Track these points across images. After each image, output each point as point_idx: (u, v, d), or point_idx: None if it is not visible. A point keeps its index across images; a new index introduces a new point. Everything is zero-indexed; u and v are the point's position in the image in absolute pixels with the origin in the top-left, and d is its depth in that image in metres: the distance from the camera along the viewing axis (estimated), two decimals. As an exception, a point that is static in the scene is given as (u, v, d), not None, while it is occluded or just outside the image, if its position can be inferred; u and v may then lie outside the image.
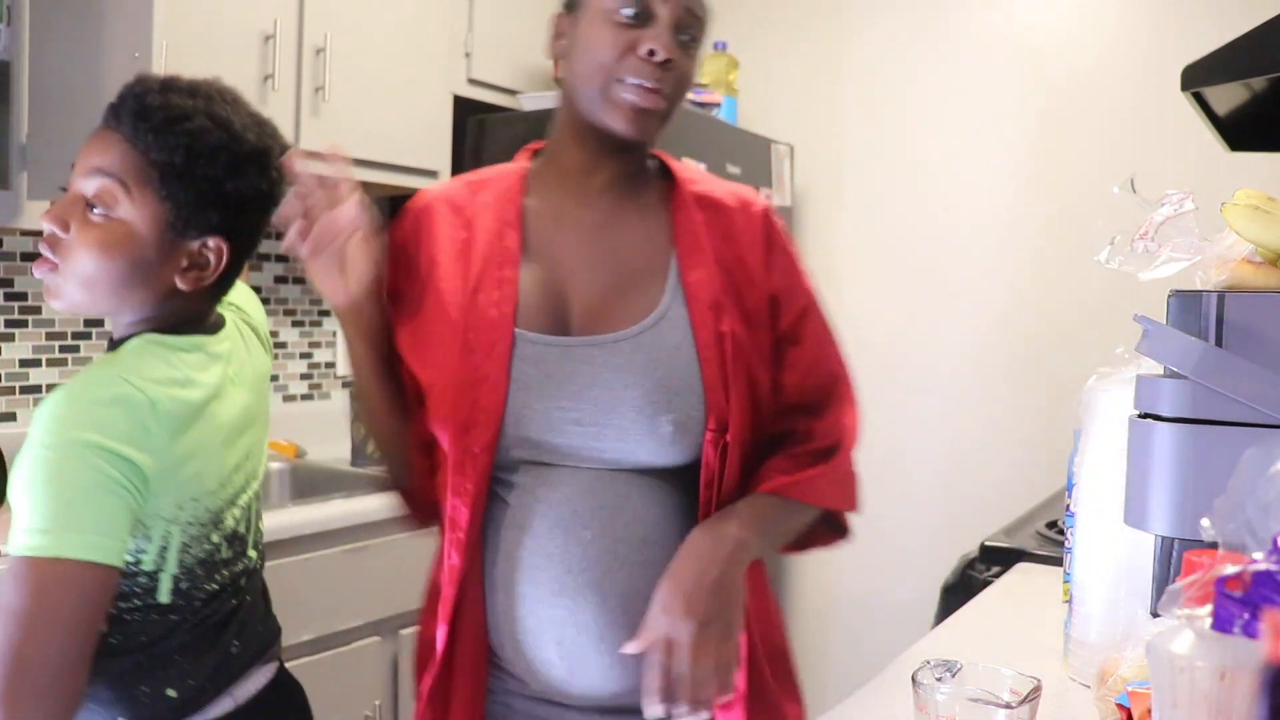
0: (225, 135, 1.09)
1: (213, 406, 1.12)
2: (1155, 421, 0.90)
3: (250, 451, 1.21)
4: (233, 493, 1.17)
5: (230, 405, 1.16)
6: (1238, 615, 0.63)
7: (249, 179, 1.11)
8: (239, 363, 1.21)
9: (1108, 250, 0.97)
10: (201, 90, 1.11)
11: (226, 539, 1.16)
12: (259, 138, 1.13)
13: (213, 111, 1.09)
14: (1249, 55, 1.05)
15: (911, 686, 0.85)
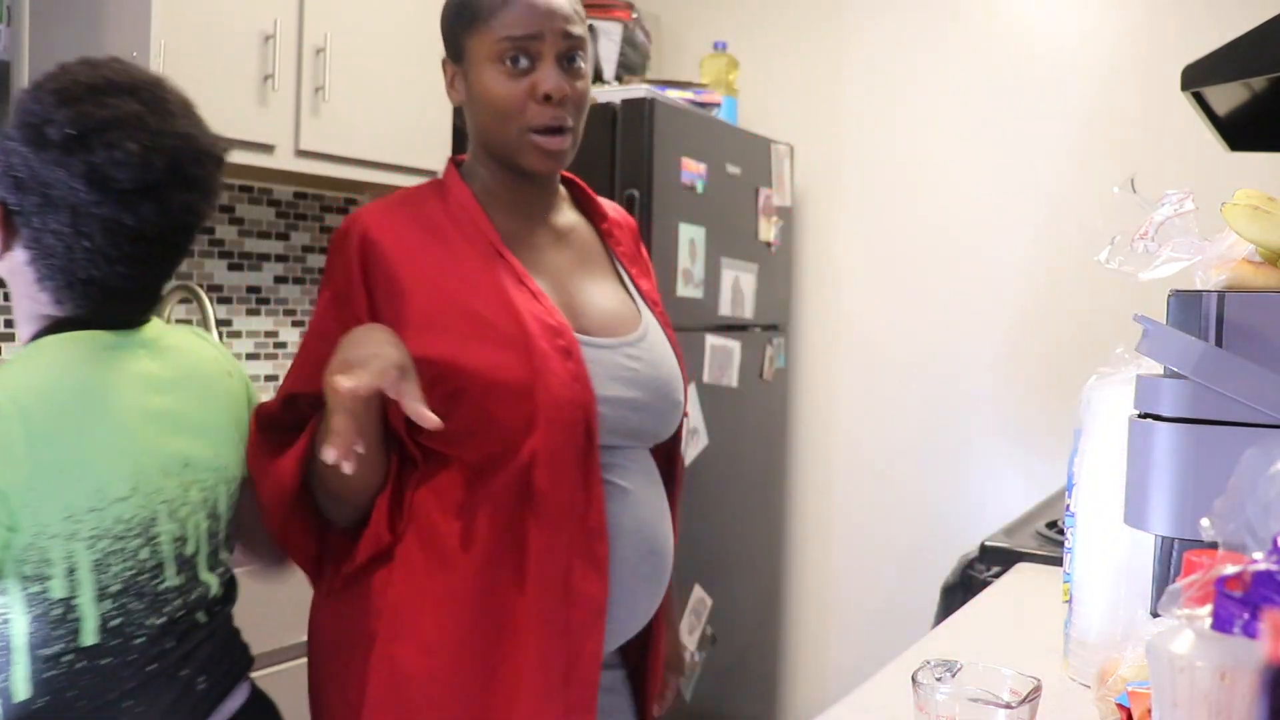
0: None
1: (116, 402, 1.03)
2: (1155, 421, 0.90)
3: (191, 460, 1.10)
4: (163, 501, 1.06)
5: (154, 403, 1.07)
6: (1238, 615, 0.63)
7: (26, 153, 1.01)
8: (185, 365, 1.14)
9: (1108, 250, 0.97)
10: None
11: (175, 561, 1.07)
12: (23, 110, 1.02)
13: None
14: (1249, 55, 1.05)
15: (911, 686, 0.85)
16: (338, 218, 2.79)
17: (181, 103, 1.07)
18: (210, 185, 1.09)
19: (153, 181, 1.01)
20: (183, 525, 1.08)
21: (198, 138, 1.06)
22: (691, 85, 2.84)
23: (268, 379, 2.62)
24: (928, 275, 3.05)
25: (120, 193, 0.99)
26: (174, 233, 1.06)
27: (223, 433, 1.17)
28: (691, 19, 3.39)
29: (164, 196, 1.02)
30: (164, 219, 1.04)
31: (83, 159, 0.98)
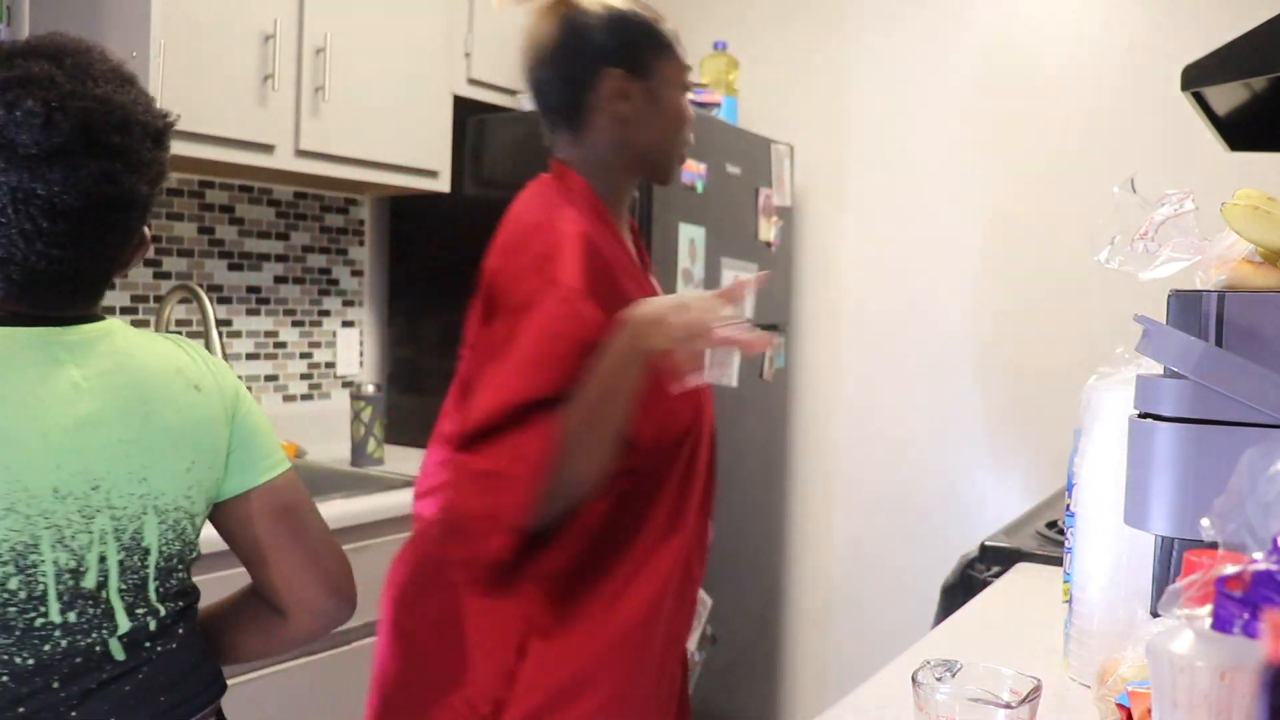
0: None
1: (8, 410, 0.92)
2: (1155, 421, 0.90)
3: (102, 483, 0.96)
4: (48, 527, 0.93)
5: (63, 415, 0.94)
6: (1238, 615, 0.63)
7: None
8: (123, 374, 1.00)
9: (1108, 250, 0.97)
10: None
11: (64, 595, 0.94)
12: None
13: None
14: (1249, 55, 1.05)
15: (911, 686, 0.85)
16: (338, 218, 2.79)
17: (111, 70, 0.98)
18: (138, 157, 0.97)
19: (58, 145, 0.92)
20: (78, 556, 0.95)
21: (121, 104, 0.96)
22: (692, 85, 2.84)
23: (268, 379, 2.62)
24: (928, 275, 3.05)
25: (25, 157, 0.91)
26: (96, 207, 0.95)
27: (160, 455, 1.00)
28: (691, 19, 3.39)
29: (75, 163, 0.93)
30: (77, 189, 0.93)
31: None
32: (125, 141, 0.96)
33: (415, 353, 2.86)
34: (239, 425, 1.09)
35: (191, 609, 1.09)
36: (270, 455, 1.11)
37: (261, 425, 1.12)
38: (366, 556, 2.03)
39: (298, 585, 1.11)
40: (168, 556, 1.02)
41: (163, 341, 1.06)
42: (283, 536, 1.10)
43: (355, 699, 2.04)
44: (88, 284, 1.01)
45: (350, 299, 2.83)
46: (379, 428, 2.45)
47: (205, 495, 1.06)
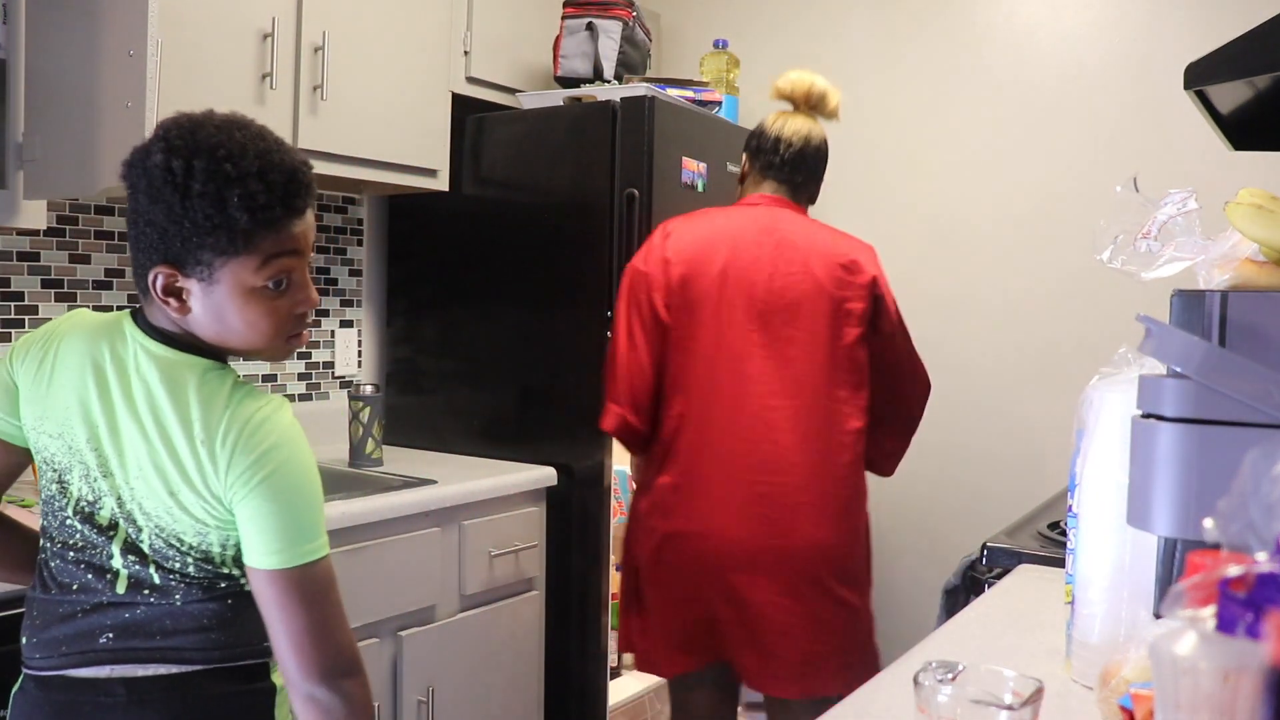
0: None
1: (84, 373, 1.19)
2: (1158, 422, 0.90)
3: (119, 469, 1.18)
4: (80, 463, 1.19)
5: (116, 397, 1.18)
6: (1241, 616, 0.63)
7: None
8: (160, 398, 1.17)
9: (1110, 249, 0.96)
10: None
11: (81, 514, 1.20)
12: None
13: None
14: (1253, 53, 1.04)
15: (913, 688, 0.84)
16: (336, 217, 2.78)
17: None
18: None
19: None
20: (95, 495, 1.19)
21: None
22: (692, 84, 2.84)
23: (265, 379, 2.62)
24: (928, 274, 3.05)
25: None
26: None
27: (151, 474, 1.17)
28: (692, 17, 3.39)
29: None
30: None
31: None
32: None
33: (414, 353, 2.85)
34: (247, 506, 1.14)
35: (211, 591, 1.20)
36: (277, 545, 1.14)
37: (275, 514, 1.14)
38: (366, 557, 2.03)
39: (282, 658, 1.15)
40: (155, 549, 1.18)
41: (221, 397, 1.16)
42: (275, 618, 1.15)
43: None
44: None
45: (349, 299, 2.82)
46: (377, 428, 2.45)
47: (194, 525, 1.18)
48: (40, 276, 2.15)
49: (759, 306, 2.02)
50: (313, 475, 1.17)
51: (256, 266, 1.13)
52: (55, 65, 1.83)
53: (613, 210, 2.46)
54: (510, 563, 2.38)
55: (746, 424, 1.99)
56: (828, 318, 2.03)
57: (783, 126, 2.18)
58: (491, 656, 2.34)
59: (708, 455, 2.00)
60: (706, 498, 1.99)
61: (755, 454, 1.98)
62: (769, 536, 1.97)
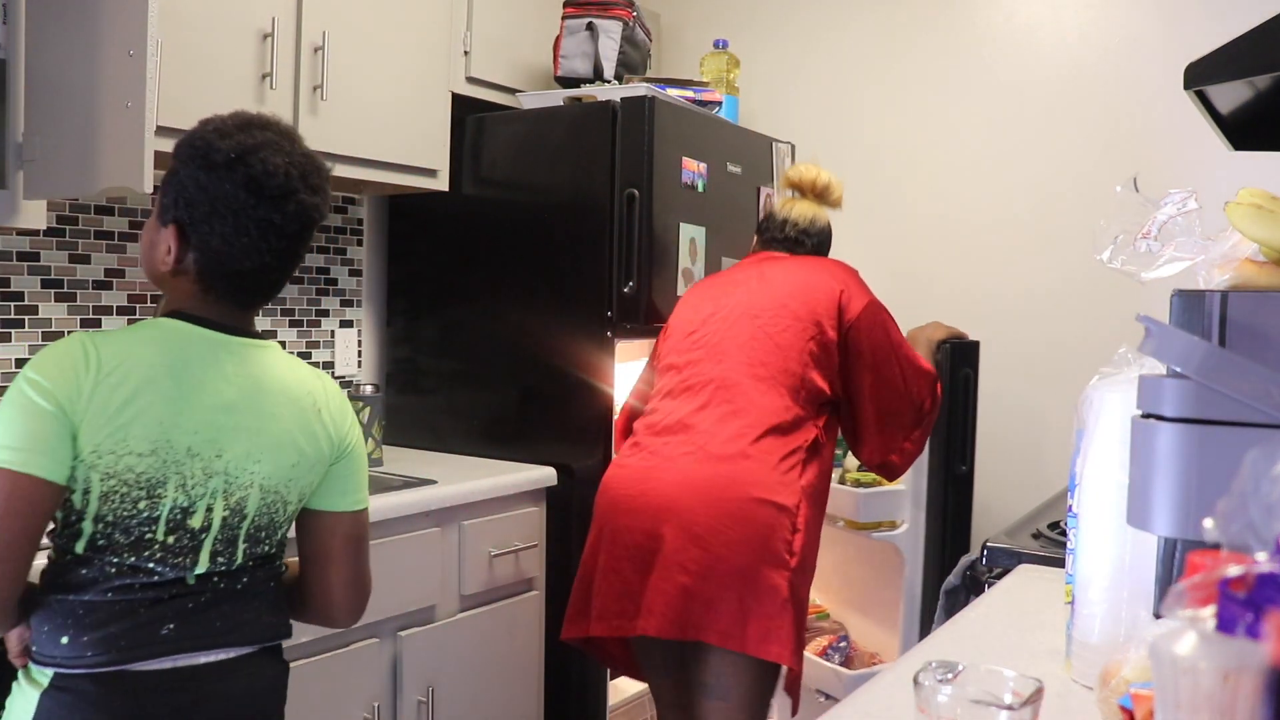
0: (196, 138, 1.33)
1: (178, 384, 1.27)
2: (1158, 422, 0.89)
3: (224, 454, 1.30)
4: (177, 474, 1.26)
5: (212, 398, 1.29)
6: (1241, 616, 0.63)
7: (197, 175, 1.30)
8: (259, 380, 1.34)
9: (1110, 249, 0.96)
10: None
11: (170, 522, 1.26)
12: (216, 140, 1.31)
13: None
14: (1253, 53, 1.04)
15: (913, 687, 0.84)
16: (336, 217, 2.78)
17: (295, 134, 1.38)
18: (326, 192, 1.37)
19: (291, 187, 1.30)
20: (191, 500, 1.27)
21: (314, 156, 1.36)
22: (692, 84, 2.84)
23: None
24: (929, 274, 3.05)
25: (270, 197, 1.29)
26: (304, 229, 1.35)
27: (274, 448, 1.34)
28: (692, 17, 3.39)
29: (299, 199, 1.31)
30: (300, 216, 1.32)
31: (244, 172, 1.28)
32: (321, 182, 1.36)
33: (413, 353, 2.85)
34: (345, 459, 1.43)
35: (268, 570, 1.38)
36: (358, 491, 1.45)
37: (360, 467, 1.46)
38: (365, 557, 2.03)
39: (335, 596, 1.44)
40: (258, 526, 1.34)
41: (308, 372, 1.42)
42: (342, 556, 1.43)
43: (355, 700, 2.04)
44: (275, 289, 1.38)
45: (349, 299, 2.82)
46: (377, 428, 2.45)
47: (299, 491, 1.38)
48: (40, 276, 2.15)
49: (739, 311, 2.13)
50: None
51: None
52: (55, 65, 1.83)
53: (613, 210, 2.46)
54: (510, 563, 2.38)
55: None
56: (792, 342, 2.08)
57: (790, 210, 2.30)
58: (491, 656, 2.34)
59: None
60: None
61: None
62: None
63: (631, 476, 2.00)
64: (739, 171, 2.80)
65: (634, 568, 1.93)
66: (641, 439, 2.07)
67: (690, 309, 2.21)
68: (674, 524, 1.89)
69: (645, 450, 2.03)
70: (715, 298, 2.19)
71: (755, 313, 2.10)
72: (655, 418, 2.08)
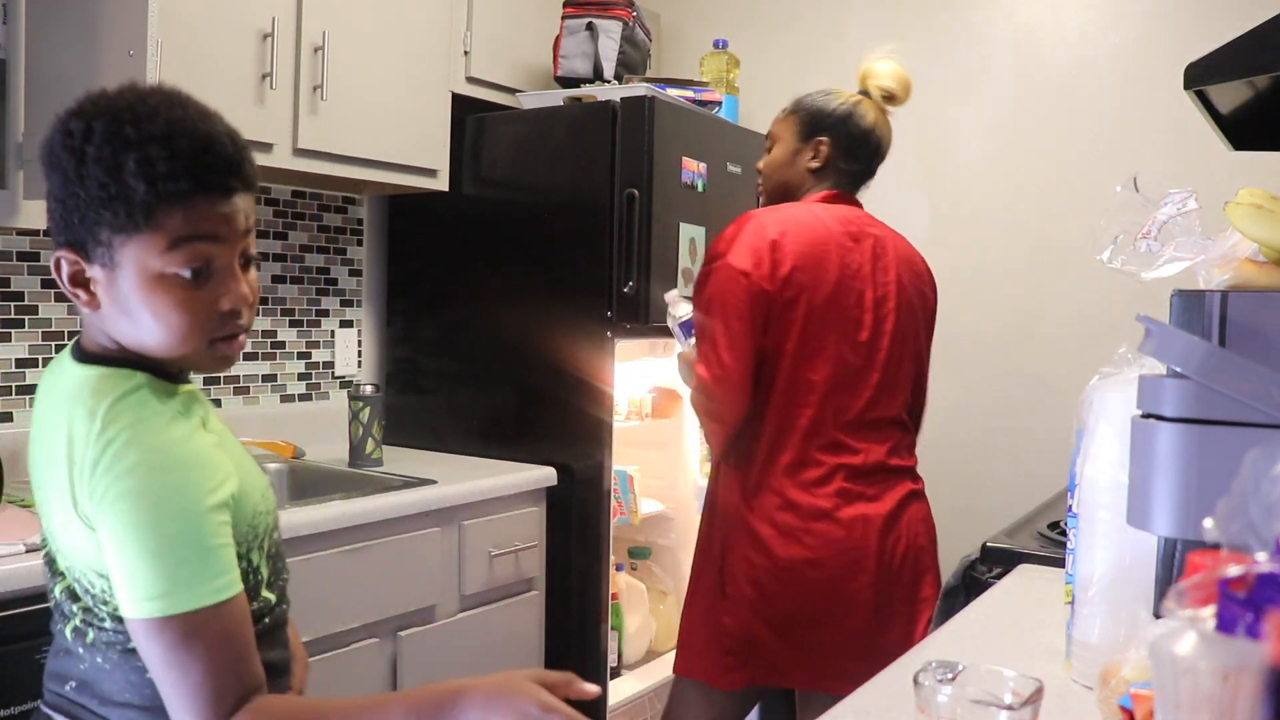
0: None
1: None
2: (1158, 422, 0.90)
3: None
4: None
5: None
6: (1241, 616, 0.62)
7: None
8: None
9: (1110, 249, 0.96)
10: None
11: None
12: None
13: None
14: (1253, 53, 1.04)
15: (913, 688, 0.84)
16: (336, 217, 2.78)
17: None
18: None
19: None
20: (42, 535, 1.06)
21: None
22: (692, 83, 2.84)
23: (265, 379, 2.62)
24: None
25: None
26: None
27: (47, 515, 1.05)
28: (692, 17, 3.38)
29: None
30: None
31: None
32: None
33: (413, 353, 2.85)
34: (102, 532, 0.96)
35: (121, 649, 1.04)
36: (131, 589, 0.95)
37: (125, 547, 0.95)
38: (365, 557, 2.03)
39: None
40: (79, 577, 1.03)
41: (72, 384, 1.03)
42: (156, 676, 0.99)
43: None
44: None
45: (349, 299, 2.82)
46: (377, 428, 2.45)
47: (62, 549, 1.04)
48: (40, 276, 2.15)
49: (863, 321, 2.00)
50: (171, 505, 0.95)
51: (163, 248, 0.96)
52: (55, 65, 1.83)
53: (613, 210, 2.46)
54: (510, 563, 2.38)
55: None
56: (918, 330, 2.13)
57: (885, 134, 2.08)
58: (491, 656, 2.34)
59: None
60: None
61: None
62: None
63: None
64: (739, 171, 2.80)
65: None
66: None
67: (840, 304, 1.96)
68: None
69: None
70: (862, 296, 1.99)
71: (905, 336, 2.09)
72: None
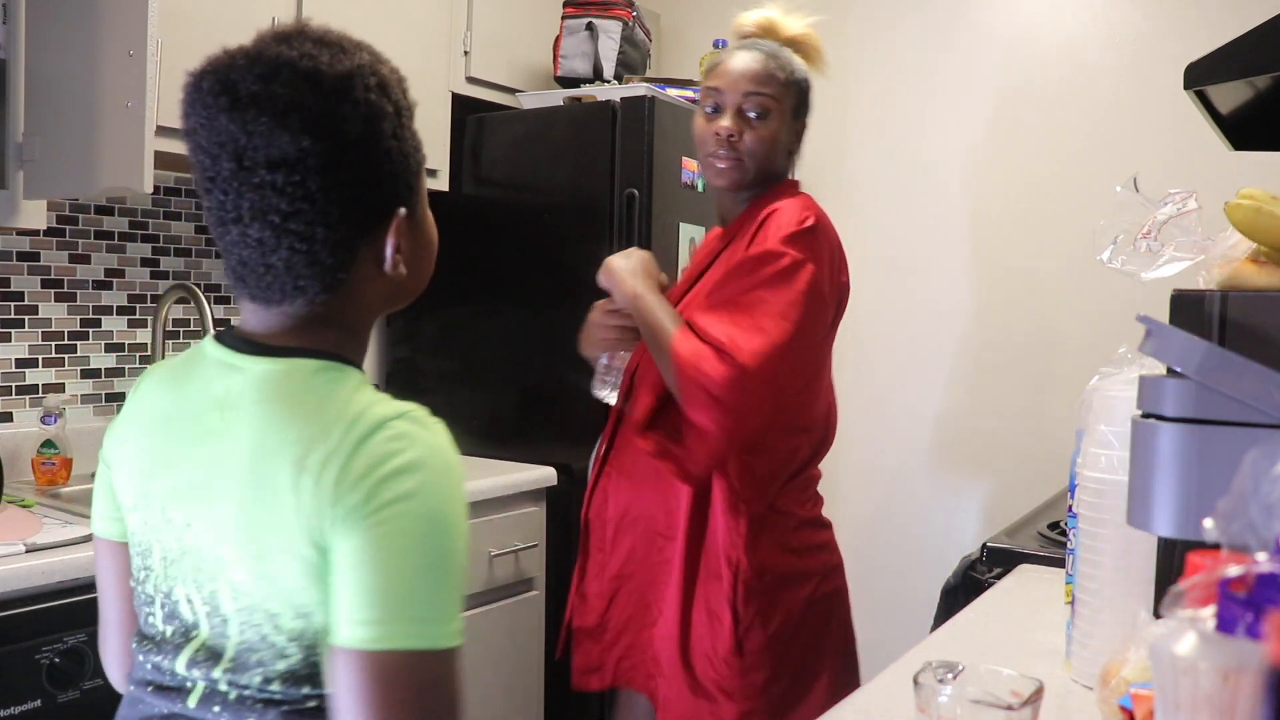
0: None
1: (157, 418, 0.95)
2: (1158, 422, 0.89)
3: (203, 532, 0.88)
4: (162, 545, 0.92)
5: (191, 440, 0.90)
6: (1241, 616, 0.62)
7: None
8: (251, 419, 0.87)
9: (1110, 249, 0.96)
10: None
11: (163, 607, 0.91)
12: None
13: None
14: (1252, 53, 1.04)
15: (913, 688, 0.84)
16: (337, 217, 2.78)
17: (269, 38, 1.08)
18: (285, 79, 1.01)
19: (194, 100, 0.93)
20: (170, 580, 0.90)
21: (267, 49, 1.04)
22: (692, 83, 2.84)
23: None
24: (929, 273, 3.05)
25: (184, 131, 0.93)
26: (241, 154, 0.92)
27: (237, 530, 0.84)
28: (691, 17, 3.38)
29: (207, 109, 0.95)
30: (217, 135, 0.93)
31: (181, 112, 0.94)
32: (268, 71, 0.94)
33: (413, 352, 2.85)
34: (350, 551, 0.79)
35: (288, 713, 0.85)
36: (371, 609, 0.78)
37: (391, 568, 0.79)
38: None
39: None
40: (246, 647, 0.86)
41: (342, 402, 0.85)
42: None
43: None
44: (275, 268, 0.89)
45: (349, 298, 2.82)
46: (378, 427, 2.45)
47: (290, 601, 0.83)
48: (40, 276, 2.15)
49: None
50: (457, 524, 0.84)
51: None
52: (55, 65, 1.83)
53: (613, 210, 2.46)
54: (510, 563, 2.38)
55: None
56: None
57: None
58: (491, 656, 2.34)
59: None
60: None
61: None
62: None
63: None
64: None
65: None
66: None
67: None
68: None
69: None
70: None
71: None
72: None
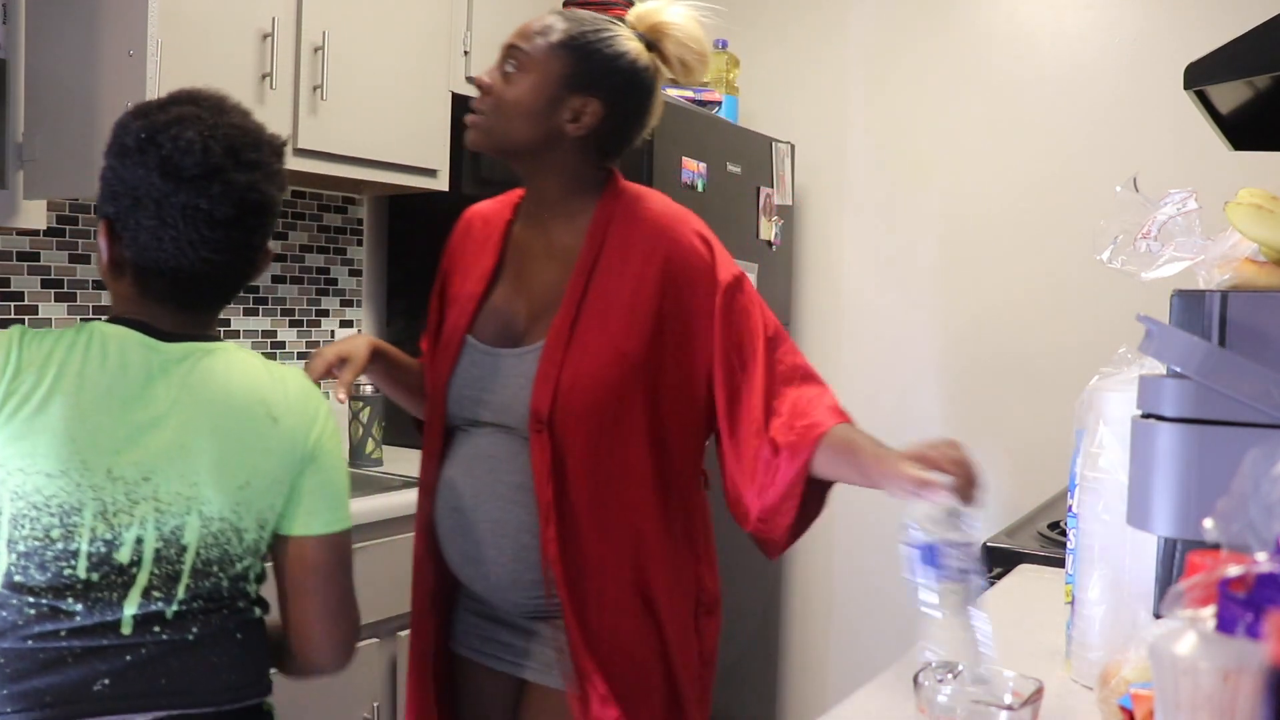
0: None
1: (95, 393, 1.10)
2: (1158, 422, 0.89)
3: (154, 478, 1.12)
4: (95, 498, 1.10)
5: (139, 414, 1.12)
6: (1241, 616, 0.63)
7: (113, 163, 1.17)
8: (205, 392, 1.16)
9: (1110, 249, 0.96)
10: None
11: (92, 558, 1.09)
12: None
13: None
14: (1252, 53, 1.04)
15: (913, 688, 0.84)
16: (336, 217, 2.78)
17: (236, 105, 1.21)
18: (271, 168, 1.19)
19: (214, 165, 1.13)
20: (115, 531, 1.10)
21: (251, 128, 1.19)
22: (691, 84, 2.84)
23: (267, 378, 2.62)
24: (929, 274, 3.05)
25: (189, 179, 1.12)
26: (245, 215, 1.16)
27: (216, 467, 1.15)
28: (691, 18, 3.38)
29: (228, 178, 1.14)
30: (230, 200, 1.14)
31: (155, 154, 1.12)
32: (260, 157, 1.17)
33: (413, 353, 2.84)
34: (313, 473, 1.22)
35: (227, 617, 1.18)
36: (331, 511, 1.23)
37: (330, 481, 1.24)
38: (365, 557, 2.02)
39: (312, 637, 1.23)
40: (206, 560, 1.15)
41: (264, 377, 1.21)
42: (315, 589, 1.22)
43: (354, 700, 2.04)
44: (229, 286, 1.22)
45: (349, 299, 2.82)
46: (377, 428, 2.45)
47: (256, 516, 1.18)
48: (40, 276, 2.15)
49: None
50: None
51: None
52: (55, 65, 1.83)
53: (613, 210, 2.46)
54: (510, 563, 2.38)
55: None
56: None
57: (656, 115, 1.62)
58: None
59: None
60: None
61: None
62: None
63: None
64: (739, 171, 2.80)
65: None
66: None
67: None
68: None
69: None
70: None
71: None
72: None
